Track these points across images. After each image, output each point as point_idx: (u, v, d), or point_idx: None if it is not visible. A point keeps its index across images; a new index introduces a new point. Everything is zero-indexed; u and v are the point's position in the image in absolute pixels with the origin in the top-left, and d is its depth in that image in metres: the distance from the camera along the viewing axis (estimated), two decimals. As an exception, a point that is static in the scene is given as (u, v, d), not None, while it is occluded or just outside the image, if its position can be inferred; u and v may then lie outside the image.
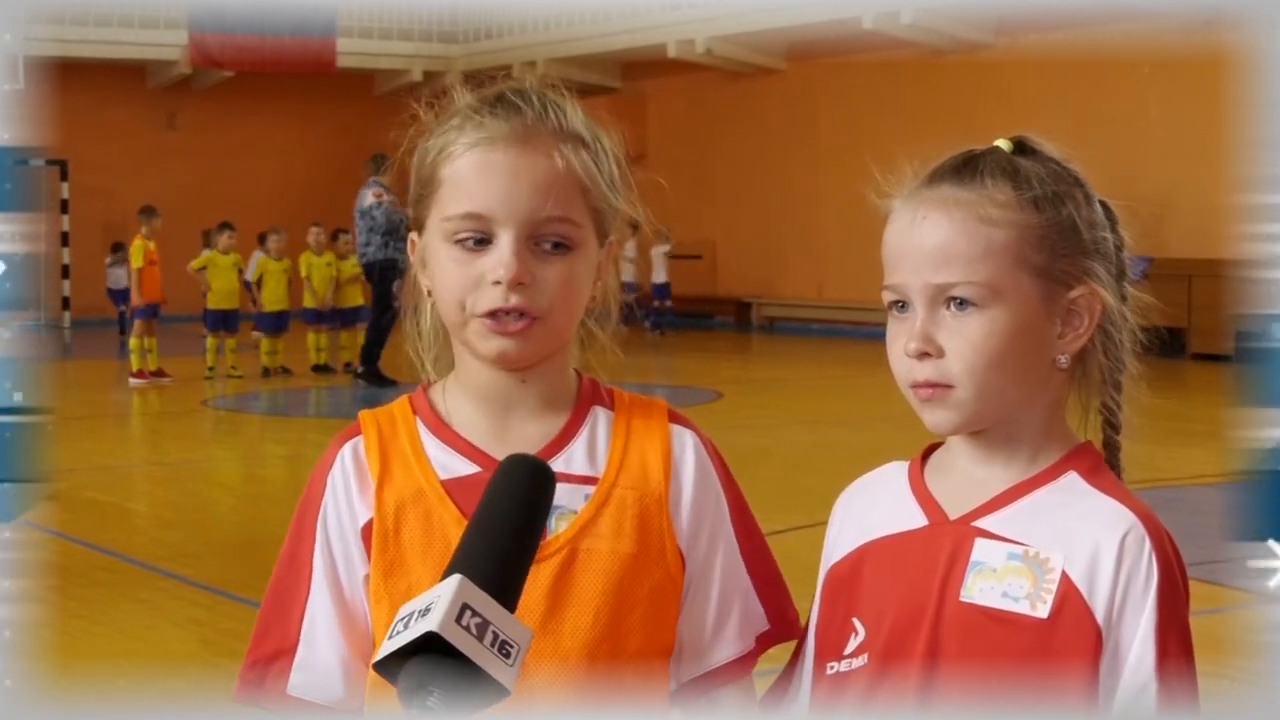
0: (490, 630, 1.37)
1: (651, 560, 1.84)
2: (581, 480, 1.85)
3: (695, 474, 1.89)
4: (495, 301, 1.78)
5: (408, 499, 1.84)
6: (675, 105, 25.85)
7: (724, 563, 1.90)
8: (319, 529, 1.87)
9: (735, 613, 1.90)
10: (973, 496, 1.79)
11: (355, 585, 1.86)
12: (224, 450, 12.83)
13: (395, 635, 1.38)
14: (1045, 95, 19.17)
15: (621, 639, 1.81)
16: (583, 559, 1.82)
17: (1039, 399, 1.78)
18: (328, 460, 1.89)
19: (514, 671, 1.38)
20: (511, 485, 1.51)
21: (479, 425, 1.87)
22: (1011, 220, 1.74)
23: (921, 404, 1.76)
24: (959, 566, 1.74)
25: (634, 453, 1.88)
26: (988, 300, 1.73)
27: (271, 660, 1.87)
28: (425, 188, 1.85)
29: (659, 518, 1.86)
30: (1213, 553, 7.27)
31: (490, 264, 1.79)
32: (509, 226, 1.79)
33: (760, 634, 1.91)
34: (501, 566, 1.44)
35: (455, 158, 1.82)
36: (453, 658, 1.35)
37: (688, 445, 1.90)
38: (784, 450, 11.51)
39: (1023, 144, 1.81)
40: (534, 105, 1.84)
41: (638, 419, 1.91)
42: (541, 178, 1.80)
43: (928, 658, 1.73)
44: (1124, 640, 1.69)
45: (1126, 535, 1.71)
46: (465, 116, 1.84)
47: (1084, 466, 1.78)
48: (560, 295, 1.81)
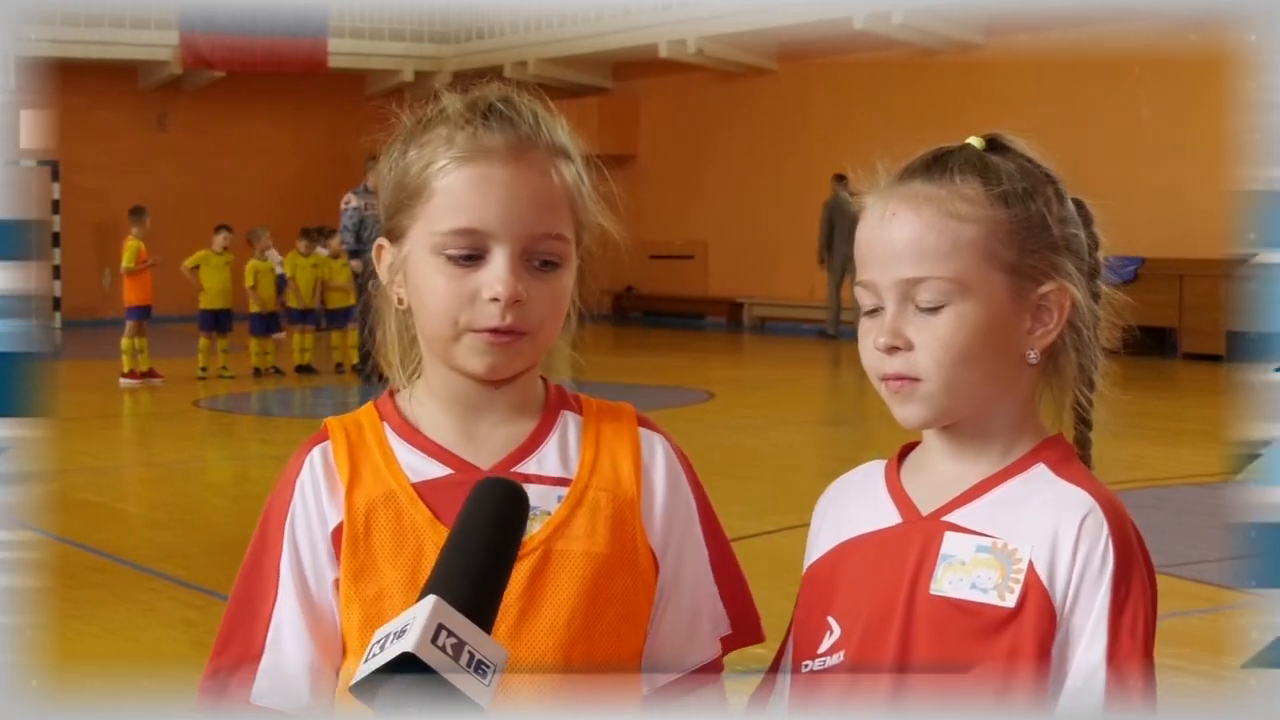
0: (466, 650, 1.38)
1: (624, 562, 1.85)
2: (554, 482, 1.85)
3: (666, 478, 1.90)
4: (491, 320, 1.78)
5: (378, 501, 1.83)
6: (667, 105, 25.85)
7: (693, 567, 1.91)
8: (287, 534, 1.85)
9: (705, 617, 1.91)
10: (945, 492, 1.80)
11: (324, 590, 1.84)
12: (216, 451, 12.82)
13: (371, 657, 1.38)
14: (1036, 95, 19.18)
15: (595, 640, 1.82)
16: (556, 560, 1.82)
17: (1009, 394, 1.79)
18: (295, 465, 1.89)
19: (490, 691, 1.39)
20: (486, 507, 1.52)
21: (448, 430, 1.87)
22: (980, 216, 1.75)
23: (891, 397, 1.78)
24: (929, 561, 1.76)
25: (605, 456, 1.88)
26: (955, 295, 1.74)
27: (234, 668, 1.85)
28: (410, 198, 1.83)
29: (631, 520, 1.86)
30: (1205, 552, 7.31)
31: (486, 281, 1.78)
32: (505, 243, 1.78)
33: (722, 637, 1.92)
34: (476, 587, 1.45)
35: (448, 171, 1.80)
36: (429, 678, 1.36)
37: (657, 449, 1.91)
38: (775, 450, 11.51)
39: (995, 141, 1.82)
40: (526, 117, 1.83)
41: (607, 423, 1.91)
42: (538, 194, 1.80)
43: (900, 652, 1.74)
44: (1075, 625, 1.70)
45: (1085, 519, 1.72)
46: (455, 127, 1.82)
47: (1053, 458, 1.79)
48: (549, 312, 1.82)
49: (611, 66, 26.28)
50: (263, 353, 17.34)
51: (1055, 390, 1.83)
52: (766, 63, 24.14)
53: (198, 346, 17.12)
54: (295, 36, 25.21)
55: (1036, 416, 1.83)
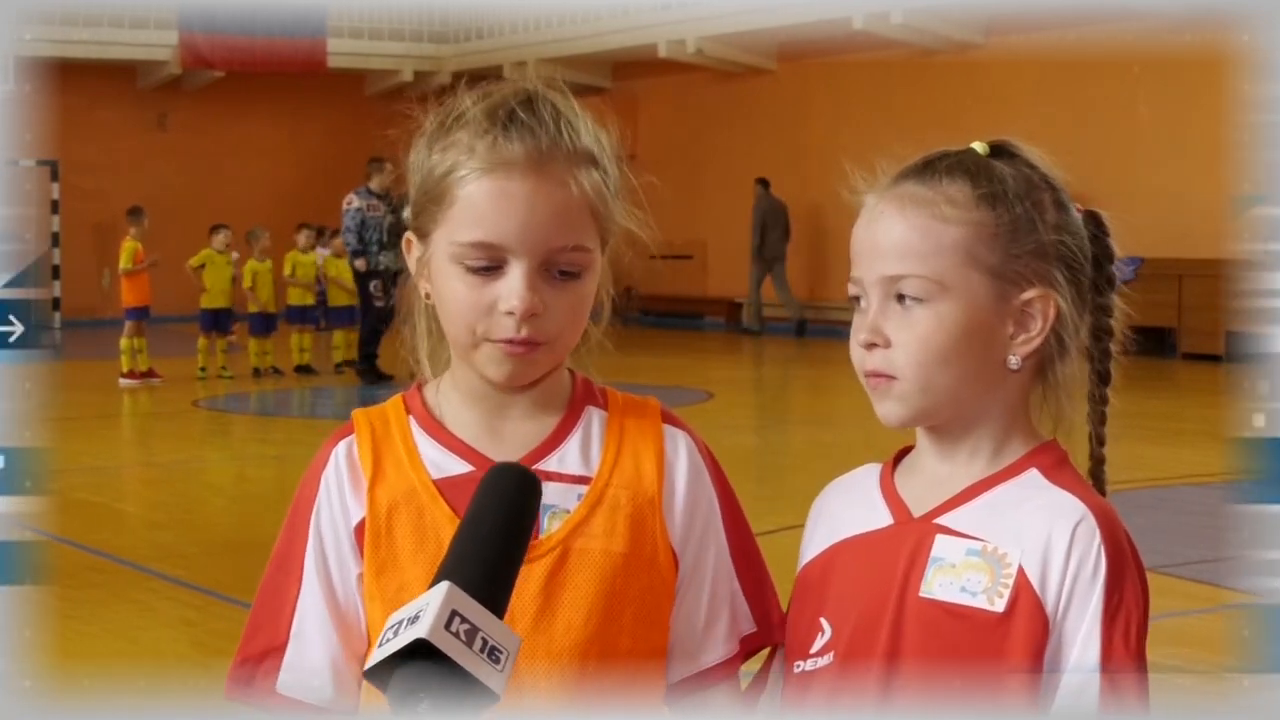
0: (479, 636, 1.38)
1: (644, 561, 1.85)
2: (574, 480, 1.85)
3: (688, 475, 1.89)
4: (507, 332, 1.78)
5: (400, 498, 1.84)
6: (666, 105, 25.85)
7: (715, 564, 1.90)
8: (312, 528, 1.87)
9: (725, 615, 1.91)
10: (937, 495, 1.80)
11: (348, 585, 1.86)
12: (215, 451, 12.82)
13: (385, 643, 1.39)
14: (1035, 95, 19.19)
15: (613, 639, 1.82)
16: (575, 558, 1.82)
17: (993, 397, 1.79)
18: (321, 459, 1.89)
19: (504, 677, 1.39)
20: (498, 492, 1.52)
21: (472, 425, 1.88)
22: (964, 219, 1.76)
23: (871, 393, 1.80)
24: (920, 563, 1.76)
25: (627, 453, 1.88)
26: (935, 295, 1.75)
27: (261, 659, 1.86)
28: (433, 201, 1.83)
29: (652, 519, 1.86)
30: (1205, 552, 7.31)
31: (503, 293, 1.78)
32: (522, 258, 1.78)
33: (744, 636, 1.92)
34: (489, 573, 1.45)
35: (468, 181, 1.79)
36: (443, 664, 1.36)
37: (680, 446, 1.91)
38: (774, 450, 11.52)
39: (1001, 147, 1.83)
40: (547, 125, 1.81)
41: (631, 419, 1.91)
42: (558, 207, 1.79)
43: (889, 654, 1.74)
44: (1068, 632, 1.70)
45: (1077, 526, 1.72)
46: (476, 134, 1.81)
47: (1045, 463, 1.79)
48: (568, 321, 1.82)
49: (611, 66, 26.27)
50: (262, 353, 17.34)
51: (1051, 400, 1.83)
52: (766, 63, 24.14)
53: (197, 346, 17.12)
54: (294, 36, 25.20)
55: (1027, 421, 1.82)
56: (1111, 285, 1.85)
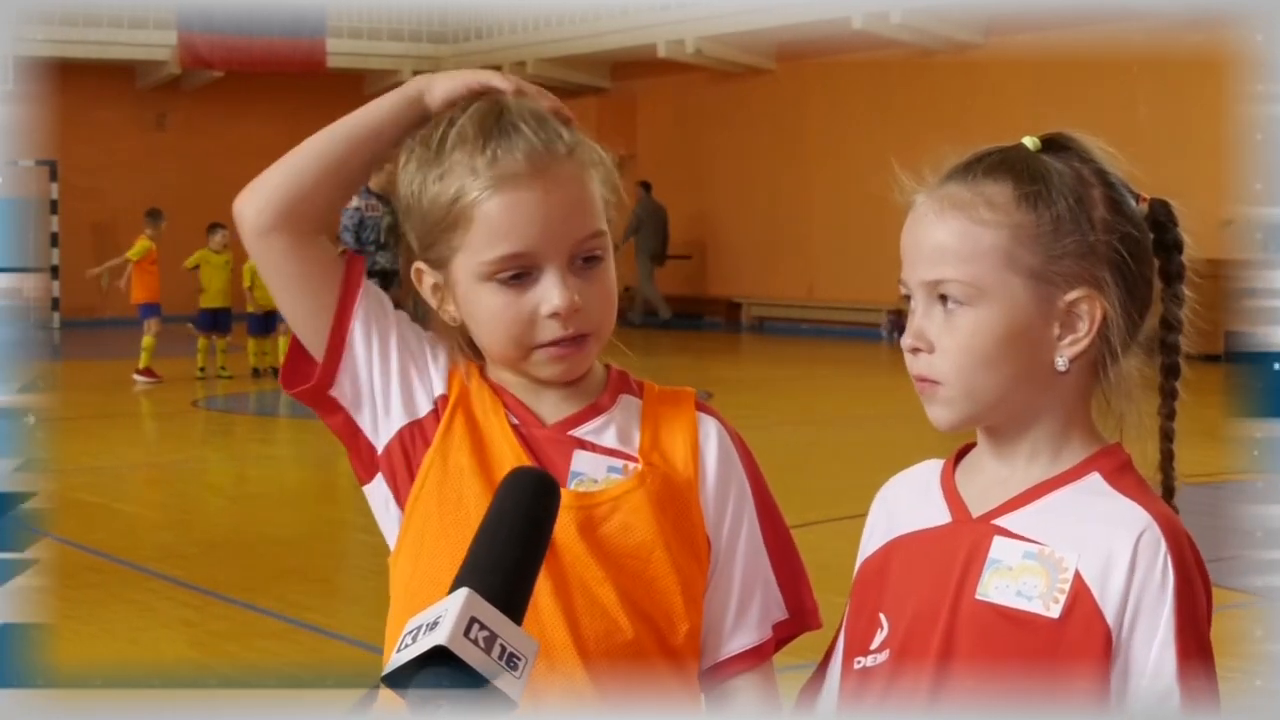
0: (498, 643, 1.40)
1: (677, 545, 1.86)
2: (607, 452, 1.89)
3: (719, 461, 1.93)
4: (554, 333, 1.84)
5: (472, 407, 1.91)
6: (665, 105, 25.85)
7: (746, 550, 1.92)
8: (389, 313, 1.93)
9: (756, 601, 1.92)
10: (996, 495, 1.78)
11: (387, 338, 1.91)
12: (214, 451, 12.83)
13: (404, 648, 1.40)
14: (1034, 95, 19.17)
15: (645, 621, 1.83)
16: (607, 542, 1.84)
17: (1047, 399, 1.77)
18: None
19: (521, 684, 1.40)
20: (517, 498, 1.53)
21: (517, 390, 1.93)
22: (1003, 221, 1.73)
23: (921, 397, 1.78)
24: (976, 564, 1.74)
25: (663, 438, 1.91)
26: (975, 299, 1.73)
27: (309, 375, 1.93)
28: (446, 230, 1.86)
29: (686, 503, 1.88)
30: (1205, 552, 7.31)
31: (543, 297, 1.83)
32: (551, 259, 1.83)
33: (777, 623, 1.92)
34: (508, 580, 1.46)
35: (481, 201, 1.82)
36: (461, 671, 1.37)
37: (711, 432, 1.94)
38: (774, 450, 11.47)
39: (1054, 141, 1.80)
40: (534, 128, 1.85)
41: (666, 407, 1.95)
42: (570, 203, 1.84)
43: (942, 654, 1.73)
44: (1138, 644, 1.68)
45: (1141, 537, 1.70)
46: (473, 153, 1.84)
47: (1108, 468, 1.77)
48: (605, 306, 1.88)
49: (610, 66, 26.27)
50: (261, 353, 17.33)
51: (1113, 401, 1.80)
52: (765, 63, 24.14)
53: (196, 346, 17.12)
54: (294, 36, 25.19)
55: (1088, 422, 1.80)
56: (1181, 276, 1.83)
